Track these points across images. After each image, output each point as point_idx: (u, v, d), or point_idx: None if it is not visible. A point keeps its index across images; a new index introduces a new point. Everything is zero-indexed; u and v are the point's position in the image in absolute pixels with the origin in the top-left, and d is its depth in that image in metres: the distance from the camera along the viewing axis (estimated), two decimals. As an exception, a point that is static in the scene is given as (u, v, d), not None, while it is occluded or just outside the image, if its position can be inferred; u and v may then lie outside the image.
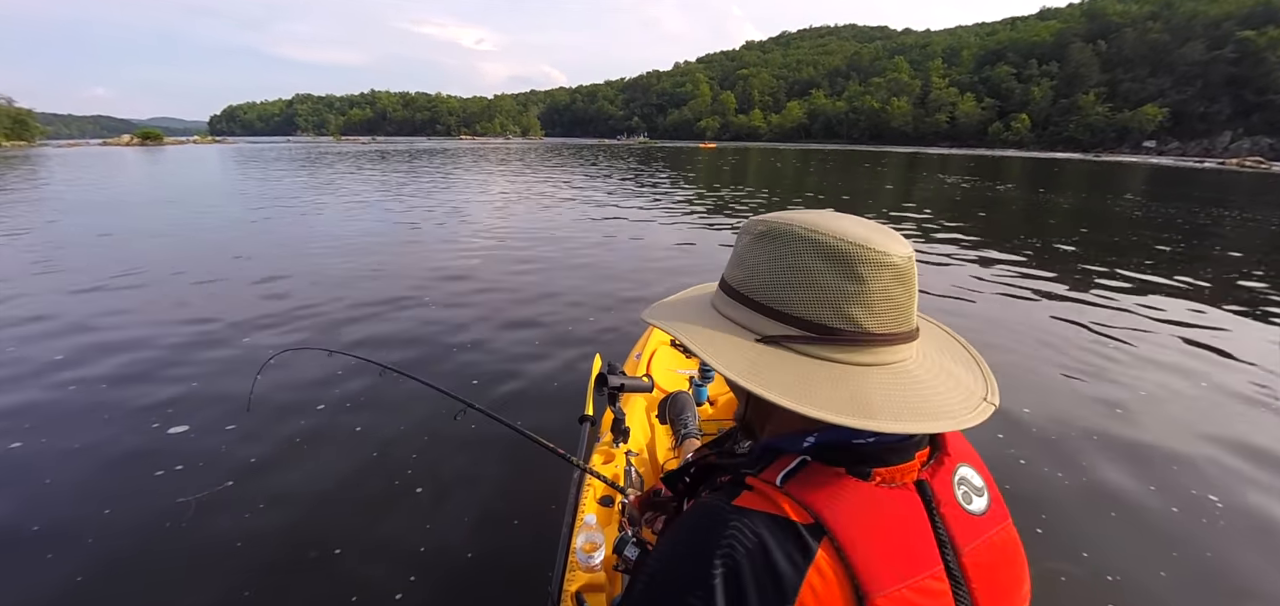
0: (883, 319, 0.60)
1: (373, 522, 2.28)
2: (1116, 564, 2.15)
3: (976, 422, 0.59)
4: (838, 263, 0.58)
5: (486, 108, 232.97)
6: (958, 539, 0.59)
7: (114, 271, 6.10)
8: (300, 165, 27.86)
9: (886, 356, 0.60)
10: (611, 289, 5.65)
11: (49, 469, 2.62)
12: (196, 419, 3.03)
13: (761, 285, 0.63)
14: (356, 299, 5.12)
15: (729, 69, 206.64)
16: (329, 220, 10.05)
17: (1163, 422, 3.22)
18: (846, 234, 0.59)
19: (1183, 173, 38.28)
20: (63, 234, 8.55)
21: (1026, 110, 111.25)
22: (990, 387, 0.65)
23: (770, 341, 0.61)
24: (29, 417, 3.05)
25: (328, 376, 3.43)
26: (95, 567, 2.04)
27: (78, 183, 17.82)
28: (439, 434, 2.87)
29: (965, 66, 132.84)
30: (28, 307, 4.87)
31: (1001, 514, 0.64)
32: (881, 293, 0.59)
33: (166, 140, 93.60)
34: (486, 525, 2.25)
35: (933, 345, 0.69)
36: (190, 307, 4.90)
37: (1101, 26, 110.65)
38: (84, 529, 2.23)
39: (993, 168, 35.51)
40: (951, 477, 0.62)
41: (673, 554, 0.59)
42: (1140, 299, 5.76)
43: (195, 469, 2.60)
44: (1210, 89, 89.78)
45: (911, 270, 0.61)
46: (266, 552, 2.10)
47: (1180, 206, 14.77)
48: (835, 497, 0.56)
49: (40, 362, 3.73)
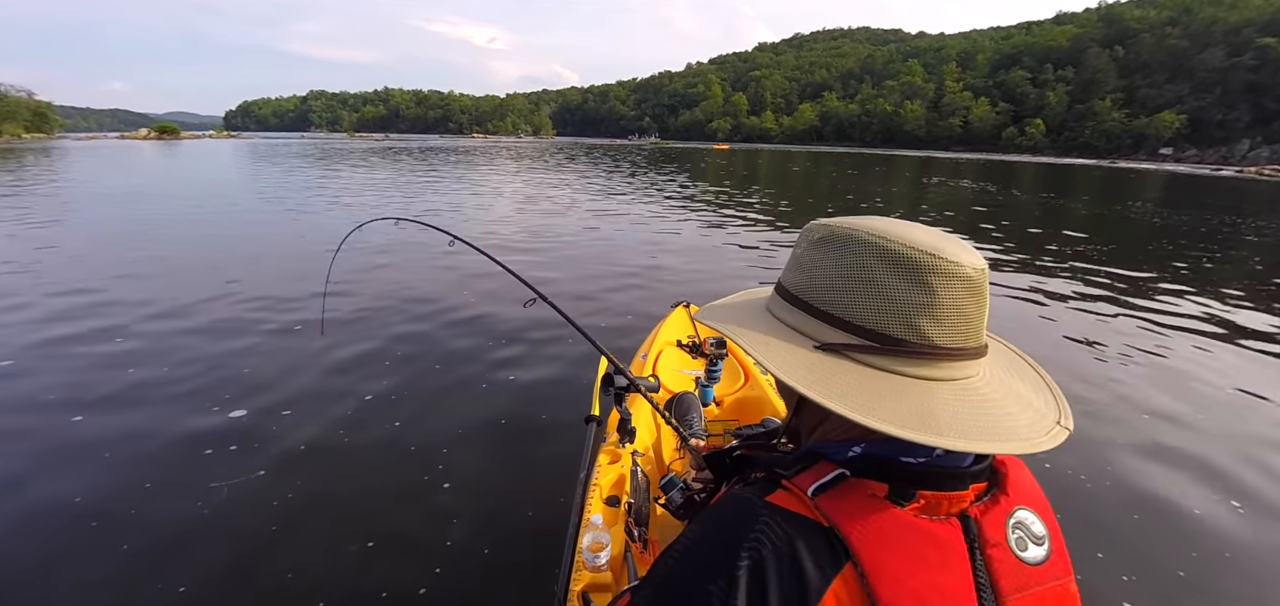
0: (951, 333, 0.57)
1: (372, 522, 2.29)
2: (1133, 564, 2.15)
3: (1050, 446, 0.56)
4: (906, 271, 0.56)
5: (499, 106, 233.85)
6: (1002, 585, 0.55)
7: (159, 257, 6.22)
8: (321, 159, 28.08)
9: (952, 372, 0.58)
10: (617, 287, 5.67)
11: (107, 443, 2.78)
12: (251, 402, 3.15)
13: (822, 290, 0.61)
14: (380, 289, 5.19)
15: (741, 70, 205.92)
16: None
17: (1184, 425, 3.22)
18: (916, 242, 0.57)
19: (1200, 180, 37.71)
20: (132, 221, 8.74)
21: (1041, 115, 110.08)
22: (1063, 412, 0.61)
23: (830, 349, 0.60)
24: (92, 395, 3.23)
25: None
26: (141, 541, 2.13)
27: (116, 174, 18.07)
28: (443, 434, 2.89)
29: (980, 70, 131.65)
30: (84, 293, 5.07)
31: (1063, 569, 0.59)
32: (951, 304, 0.56)
33: (183, 134, 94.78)
34: (491, 525, 2.26)
35: (1000, 365, 0.66)
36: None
37: (1119, 32, 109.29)
38: (128, 503, 2.33)
39: (1007, 173, 35.17)
40: (1006, 518, 0.58)
41: (701, 539, 0.59)
42: (1157, 303, 5.72)
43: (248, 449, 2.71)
44: (1229, 96, 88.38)
45: (983, 283, 0.58)
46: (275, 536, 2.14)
47: (1195, 214, 14.55)
48: (866, 519, 0.53)
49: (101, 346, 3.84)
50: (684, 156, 44.29)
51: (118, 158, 29.81)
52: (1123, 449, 2.96)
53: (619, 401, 1.82)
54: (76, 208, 10.66)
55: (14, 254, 6.64)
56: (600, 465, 1.79)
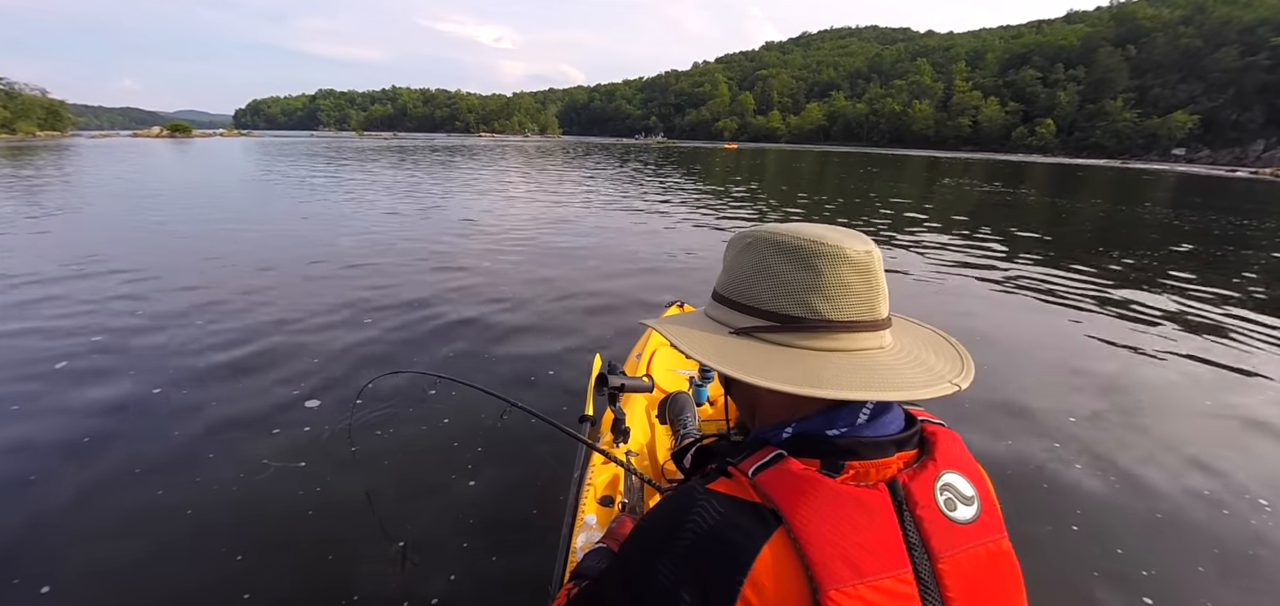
0: (842, 308, 0.63)
1: (358, 524, 2.28)
2: (1152, 559, 2.16)
3: (929, 396, 0.61)
4: (794, 257, 0.64)
5: (505, 105, 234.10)
6: (933, 544, 0.58)
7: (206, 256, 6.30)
8: (350, 159, 28.23)
9: (849, 343, 0.64)
10: (613, 288, 5.66)
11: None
12: (325, 395, 3.26)
13: (735, 285, 0.70)
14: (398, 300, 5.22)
15: (748, 70, 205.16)
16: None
17: (1208, 421, 3.23)
18: (803, 233, 0.65)
19: (1214, 181, 37.27)
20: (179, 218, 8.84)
21: (1052, 115, 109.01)
22: (964, 373, 0.66)
23: (742, 332, 0.68)
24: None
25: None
26: (179, 521, 2.22)
27: (143, 171, 18.25)
28: (447, 434, 2.90)
29: (989, 70, 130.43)
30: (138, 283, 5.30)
31: (994, 527, 0.63)
32: (837, 283, 0.63)
33: (195, 133, 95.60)
34: (484, 525, 2.25)
35: (914, 341, 0.71)
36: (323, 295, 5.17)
37: (1131, 31, 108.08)
38: (182, 483, 2.46)
39: (1017, 173, 34.90)
40: (934, 482, 0.62)
41: (651, 524, 0.66)
42: (1174, 301, 5.68)
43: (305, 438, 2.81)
44: (1244, 97, 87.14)
45: (870, 263, 0.64)
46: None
47: (1211, 216, 14.38)
48: (799, 491, 0.57)
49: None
50: (693, 155, 44.21)
51: (151, 156, 30.04)
52: (1138, 444, 2.94)
53: (613, 401, 1.82)
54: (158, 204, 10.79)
55: (108, 237, 6.76)
56: (594, 465, 1.79)
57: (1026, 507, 2.47)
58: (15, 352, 3.76)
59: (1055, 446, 2.94)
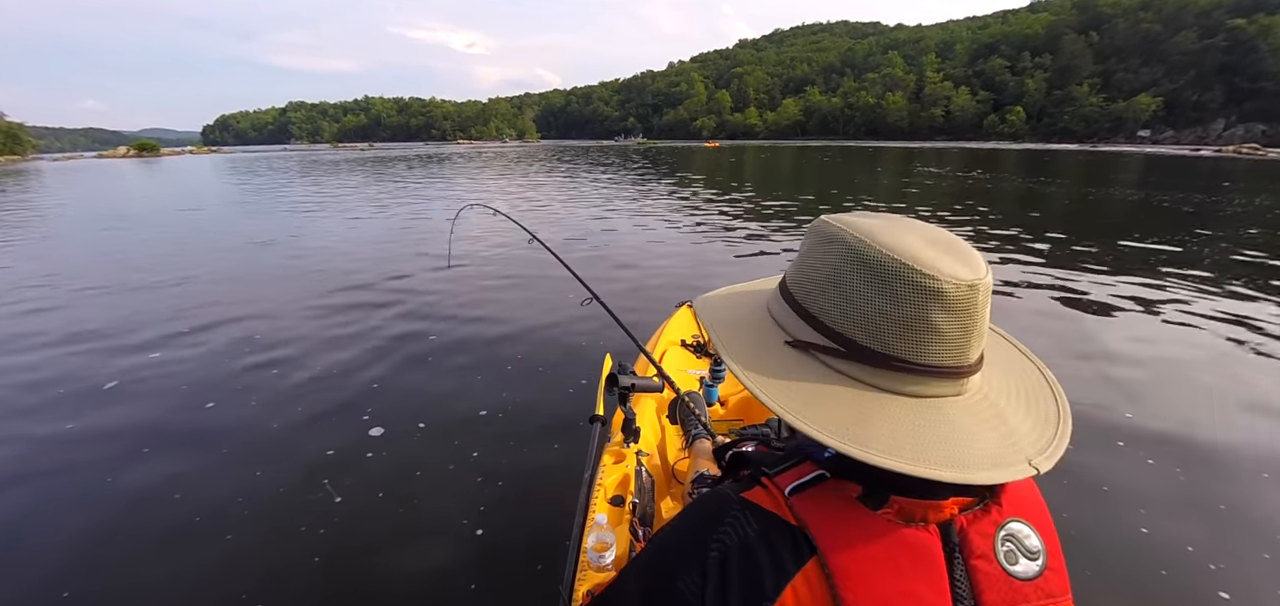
0: (922, 352, 0.53)
1: (373, 521, 2.27)
2: (1219, 554, 2.12)
3: (993, 481, 0.52)
4: (875, 276, 0.53)
5: (481, 111, 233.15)
6: (986, 598, 0.53)
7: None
8: (325, 173, 27.79)
9: (921, 389, 0.54)
10: (624, 288, 5.63)
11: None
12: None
13: (804, 286, 0.60)
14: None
15: (723, 68, 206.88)
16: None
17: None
18: (896, 246, 0.53)
19: (1179, 161, 38.32)
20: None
21: (1021, 102, 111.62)
22: (1051, 450, 0.54)
23: (799, 346, 0.58)
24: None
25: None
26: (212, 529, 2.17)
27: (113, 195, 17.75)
28: (450, 435, 2.87)
29: (959, 60, 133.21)
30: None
31: (1059, 586, 0.56)
32: (923, 322, 0.52)
33: (163, 151, 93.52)
34: (495, 525, 2.24)
35: (1004, 380, 0.61)
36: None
37: (1093, 17, 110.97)
38: (229, 487, 2.49)
39: (989, 160, 35.53)
40: (996, 530, 0.55)
41: (678, 530, 0.61)
42: (1189, 293, 5.71)
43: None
44: (1203, 77, 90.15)
45: (971, 302, 0.52)
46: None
47: (1180, 194, 14.77)
48: (836, 521, 0.53)
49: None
50: (676, 154, 44.30)
51: (110, 179, 29.26)
52: (1201, 438, 2.93)
53: (623, 401, 1.81)
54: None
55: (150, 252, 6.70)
56: (605, 465, 1.77)
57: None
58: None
59: (1128, 444, 2.89)
